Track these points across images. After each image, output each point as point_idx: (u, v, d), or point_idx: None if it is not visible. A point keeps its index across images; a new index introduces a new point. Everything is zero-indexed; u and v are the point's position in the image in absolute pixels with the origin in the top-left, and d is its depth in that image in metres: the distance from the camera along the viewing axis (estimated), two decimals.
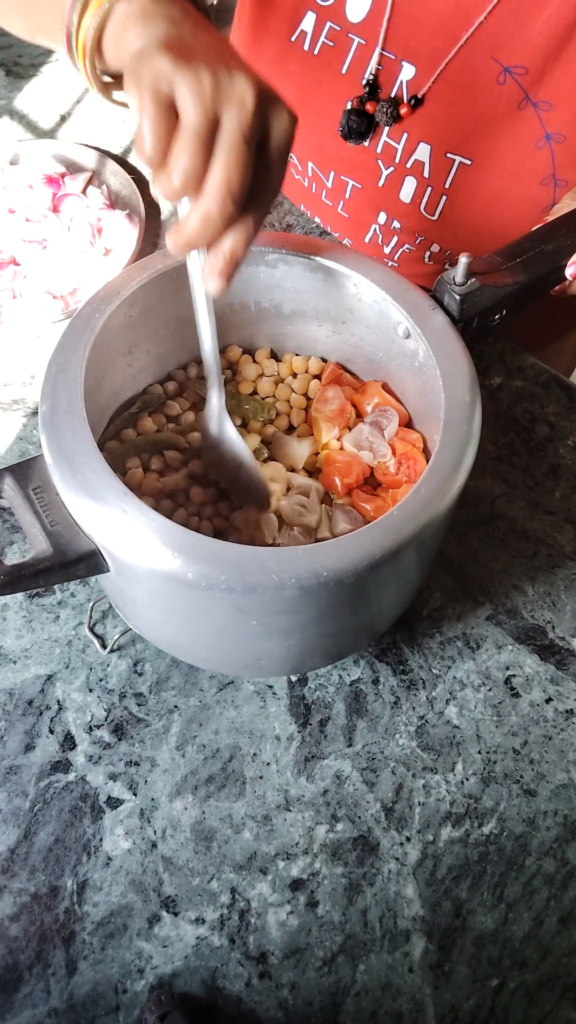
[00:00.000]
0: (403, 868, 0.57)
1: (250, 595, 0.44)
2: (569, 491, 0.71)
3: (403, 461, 0.58)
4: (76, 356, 0.50)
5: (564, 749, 0.61)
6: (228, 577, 0.43)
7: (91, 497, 0.46)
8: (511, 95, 0.64)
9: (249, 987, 0.54)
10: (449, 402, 0.50)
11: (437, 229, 0.74)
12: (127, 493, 0.45)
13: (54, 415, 0.48)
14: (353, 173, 0.75)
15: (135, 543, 0.45)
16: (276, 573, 0.43)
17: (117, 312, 0.54)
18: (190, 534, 0.44)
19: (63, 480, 0.46)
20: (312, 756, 0.60)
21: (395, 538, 0.45)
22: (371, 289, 0.55)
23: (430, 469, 0.48)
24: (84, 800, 0.58)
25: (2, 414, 0.74)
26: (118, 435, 0.61)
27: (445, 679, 0.63)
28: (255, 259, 0.57)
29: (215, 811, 0.58)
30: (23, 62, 1.01)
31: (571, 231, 0.58)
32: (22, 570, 0.47)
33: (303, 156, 0.79)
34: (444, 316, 0.54)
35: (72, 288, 0.80)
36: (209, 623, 0.51)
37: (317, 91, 0.72)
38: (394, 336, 0.56)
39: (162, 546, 0.44)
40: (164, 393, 0.64)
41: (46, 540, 0.48)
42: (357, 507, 0.59)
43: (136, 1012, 0.53)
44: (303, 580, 0.44)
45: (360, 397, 0.62)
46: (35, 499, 0.49)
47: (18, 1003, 0.53)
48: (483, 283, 0.54)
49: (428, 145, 0.69)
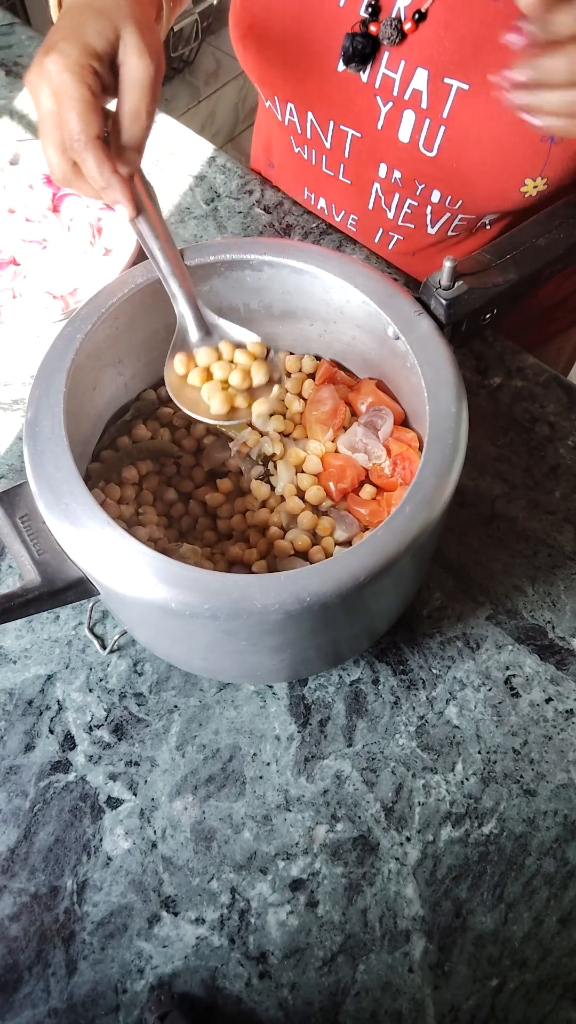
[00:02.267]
0: (403, 868, 0.57)
1: (235, 620, 0.44)
2: (569, 491, 0.71)
3: (398, 462, 0.58)
4: (58, 379, 0.51)
5: (564, 749, 0.61)
6: (211, 605, 0.43)
7: (75, 525, 0.46)
8: (508, 12, 0.64)
9: (249, 987, 0.54)
10: (433, 414, 0.49)
11: (436, 172, 0.73)
12: (110, 522, 0.46)
13: (37, 442, 0.48)
14: (352, 118, 0.75)
15: (119, 572, 0.45)
16: (259, 600, 0.43)
17: (103, 326, 0.54)
18: (172, 563, 0.44)
19: (48, 509, 0.47)
20: (312, 756, 0.60)
21: (381, 557, 0.45)
22: (356, 295, 0.55)
23: (416, 483, 0.47)
24: (84, 800, 0.58)
25: (2, 414, 0.74)
26: (113, 443, 0.61)
27: (445, 679, 0.63)
28: (239, 265, 0.57)
29: (215, 811, 0.58)
30: (23, 62, 1.01)
31: (564, 225, 0.57)
32: (11, 600, 0.47)
33: (302, 104, 0.79)
34: (430, 321, 0.53)
35: (72, 288, 0.80)
36: (199, 642, 0.51)
37: (315, 26, 0.72)
38: (385, 337, 0.56)
39: (146, 576, 0.44)
40: (157, 398, 0.64)
41: (34, 569, 0.48)
42: (353, 512, 0.59)
43: (136, 1012, 0.53)
44: (287, 605, 0.43)
45: (354, 396, 0.62)
46: (22, 528, 0.49)
47: (18, 1003, 0.53)
48: (472, 284, 0.53)
49: (426, 71, 0.69)
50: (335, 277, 0.55)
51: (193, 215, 0.88)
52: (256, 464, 0.61)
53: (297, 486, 0.59)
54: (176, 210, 0.88)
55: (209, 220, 0.87)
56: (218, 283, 0.59)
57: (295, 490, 0.59)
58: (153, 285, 0.55)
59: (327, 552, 0.57)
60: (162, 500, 0.60)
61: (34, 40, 1.03)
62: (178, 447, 0.62)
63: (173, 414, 0.63)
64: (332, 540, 0.57)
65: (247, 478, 0.61)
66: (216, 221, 0.87)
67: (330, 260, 0.56)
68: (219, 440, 0.62)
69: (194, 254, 0.57)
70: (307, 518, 0.57)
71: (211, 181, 0.90)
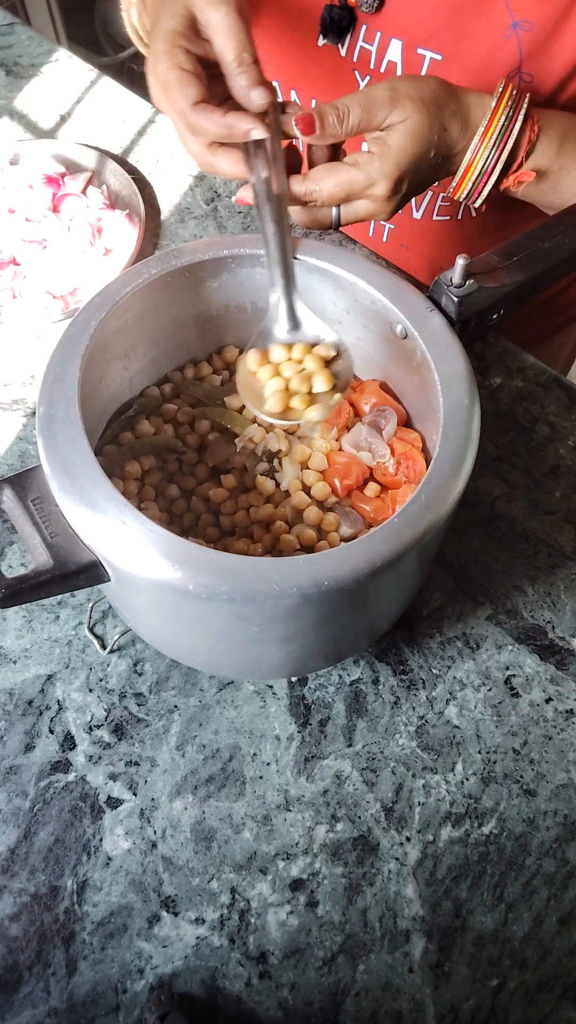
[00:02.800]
0: (403, 868, 0.57)
1: (251, 604, 0.44)
2: (569, 491, 0.71)
3: (402, 461, 0.58)
4: (72, 365, 0.50)
5: (564, 749, 0.61)
6: (229, 587, 0.43)
7: (90, 508, 0.45)
8: None
9: (249, 987, 0.54)
10: (447, 405, 0.50)
11: None
12: (126, 504, 0.45)
13: (51, 424, 0.48)
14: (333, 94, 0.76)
15: (135, 554, 0.45)
16: (277, 583, 0.43)
17: (113, 317, 0.54)
18: (189, 545, 0.44)
19: (62, 491, 0.46)
20: (312, 756, 0.60)
21: (396, 544, 0.45)
22: (367, 291, 0.55)
23: (430, 473, 0.47)
24: (84, 800, 0.58)
25: (2, 414, 0.74)
26: (116, 439, 0.60)
27: (445, 679, 0.63)
28: (250, 261, 0.57)
29: (215, 811, 0.58)
30: (23, 62, 1.01)
31: (569, 229, 0.57)
32: (23, 583, 0.47)
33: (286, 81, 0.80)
34: (441, 318, 0.53)
35: (72, 288, 0.80)
36: (209, 630, 0.51)
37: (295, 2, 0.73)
38: (391, 336, 0.56)
39: (162, 557, 0.44)
40: (161, 396, 0.64)
41: (46, 552, 0.47)
42: (357, 508, 0.59)
43: (136, 1012, 0.53)
44: (304, 588, 0.43)
45: (358, 396, 0.62)
46: (34, 510, 0.49)
47: (18, 1003, 0.53)
48: (481, 283, 0.54)
49: (399, 41, 0.70)
50: (347, 273, 0.55)
51: (193, 215, 0.88)
52: (261, 460, 0.61)
53: (302, 482, 0.59)
54: (176, 210, 0.88)
55: (209, 220, 0.87)
56: (227, 279, 0.59)
57: (300, 486, 0.59)
58: (164, 279, 0.55)
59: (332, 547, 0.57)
60: (164, 496, 0.60)
61: (34, 40, 1.03)
62: (182, 443, 0.62)
63: (177, 410, 0.63)
64: (337, 536, 0.57)
65: (252, 474, 0.61)
66: (216, 221, 0.87)
67: (342, 256, 0.56)
68: (223, 436, 0.62)
69: (205, 248, 0.57)
70: (312, 513, 0.57)
71: (211, 181, 0.90)
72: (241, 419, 0.62)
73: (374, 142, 0.57)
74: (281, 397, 0.53)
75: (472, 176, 0.61)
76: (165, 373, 0.65)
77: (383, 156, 0.56)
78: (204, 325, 0.63)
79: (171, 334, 0.61)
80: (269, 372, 0.54)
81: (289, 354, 0.55)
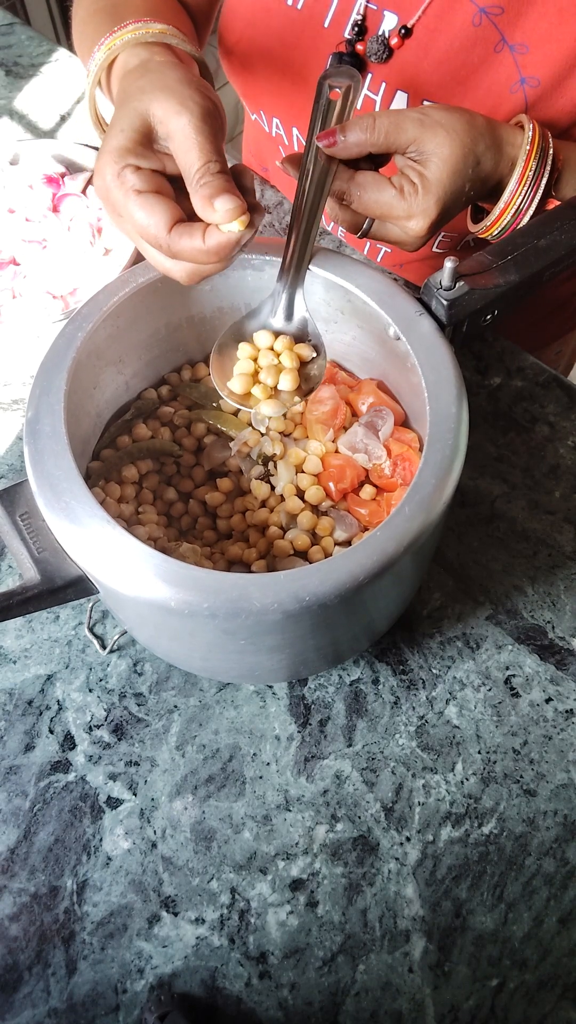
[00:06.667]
0: (403, 868, 0.57)
1: (233, 620, 0.44)
2: (569, 491, 0.71)
3: (399, 463, 0.58)
4: (58, 378, 0.50)
5: (564, 749, 0.61)
6: (211, 604, 0.43)
7: (75, 524, 0.46)
8: (487, 37, 0.65)
9: (249, 987, 0.54)
10: (434, 413, 0.49)
11: None
12: (109, 521, 0.45)
13: (37, 440, 0.48)
14: None
15: (119, 571, 0.45)
16: (257, 599, 0.43)
17: (104, 325, 0.54)
18: (172, 561, 0.44)
19: (48, 507, 0.46)
20: (312, 756, 0.60)
21: (380, 558, 0.45)
22: (357, 294, 0.55)
23: (415, 484, 0.47)
24: (84, 800, 0.58)
25: (2, 414, 0.74)
26: (113, 443, 0.61)
27: (445, 679, 0.63)
28: (241, 264, 0.57)
29: (215, 811, 0.58)
30: (23, 62, 1.01)
31: (564, 225, 0.57)
32: (10, 598, 0.47)
33: (288, 120, 0.79)
34: (431, 322, 0.53)
35: (72, 288, 0.80)
36: (199, 641, 0.51)
37: (300, 46, 0.73)
38: (385, 337, 0.56)
39: (145, 574, 0.44)
40: (158, 398, 0.64)
41: (34, 567, 0.48)
42: (352, 512, 0.59)
43: (136, 1012, 0.53)
44: (285, 605, 0.43)
45: (355, 396, 0.62)
46: (22, 526, 0.49)
47: (18, 1003, 0.53)
48: (472, 285, 0.53)
49: (405, 93, 0.70)
50: (336, 277, 0.55)
51: None
52: (256, 464, 0.61)
53: (297, 486, 0.59)
54: None
55: None
56: (219, 282, 0.59)
57: (295, 490, 0.59)
58: (154, 284, 0.55)
59: (326, 552, 0.57)
60: (162, 499, 0.60)
61: (34, 40, 1.03)
62: (179, 446, 0.62)
63: (174, 413, 0.63)
64: (331, 540, 0.57)
65: (247, 478, 0.61)
66: None
67: (331, 260, 0.56)
68: (220, 440, 0.62)
69: None
70: (307, 518, 0.57)
71: None
72: (236, 422, 0.62)
73: (414, 172, 0.55)
74: (246, 381, 0.54)
75: (507, 216, 0.60)
76: (162, 375, 0.65)
77: (426, 191, 0.55)
78: (199, 327, 0.63)
79: (166, 337, 0.61)
80: (247, 352, 0.54)
81: (273, 343, 0.55)
